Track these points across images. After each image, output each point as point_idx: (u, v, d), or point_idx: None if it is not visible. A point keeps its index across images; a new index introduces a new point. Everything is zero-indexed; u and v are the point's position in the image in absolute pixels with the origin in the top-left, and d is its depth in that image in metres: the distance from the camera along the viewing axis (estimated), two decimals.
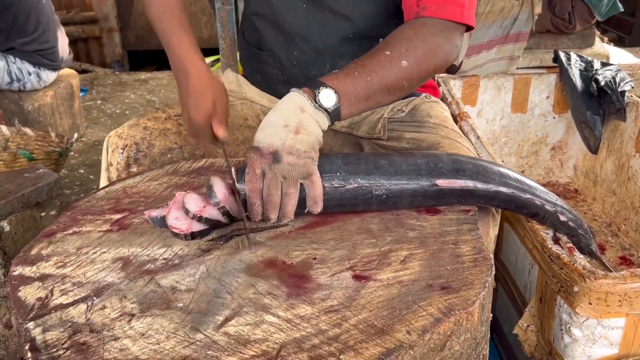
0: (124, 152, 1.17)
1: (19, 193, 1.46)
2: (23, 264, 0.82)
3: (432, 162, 0.93)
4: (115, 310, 0.72)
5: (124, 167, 1.18)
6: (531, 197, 0.97)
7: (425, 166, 0.92)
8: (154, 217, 0.90)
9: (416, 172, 0.91)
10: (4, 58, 2.73)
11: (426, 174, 0.91)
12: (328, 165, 0.90)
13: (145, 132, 1.21)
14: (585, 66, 1.98)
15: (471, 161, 0.96)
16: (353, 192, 0.90)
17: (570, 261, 1.01)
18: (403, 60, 0.97)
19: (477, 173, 0.93)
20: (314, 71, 1.21)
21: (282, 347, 0.65)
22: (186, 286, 0.76)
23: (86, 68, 4.77)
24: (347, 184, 0.90)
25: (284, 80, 1.26)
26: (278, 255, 0.83)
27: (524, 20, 2.17)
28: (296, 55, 1.21)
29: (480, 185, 0.93)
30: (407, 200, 0.92)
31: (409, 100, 1.28)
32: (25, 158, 2.16)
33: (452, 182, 0.92)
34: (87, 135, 3.33)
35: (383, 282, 0.76)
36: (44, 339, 0.67)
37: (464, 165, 0.94)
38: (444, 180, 0.91)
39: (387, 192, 0.90)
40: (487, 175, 0.94)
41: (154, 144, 1.20)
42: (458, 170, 0.93)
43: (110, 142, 1.20)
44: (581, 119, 1.94)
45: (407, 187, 0.91)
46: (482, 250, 0.82)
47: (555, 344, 1.07)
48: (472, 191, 0.93)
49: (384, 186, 0.90)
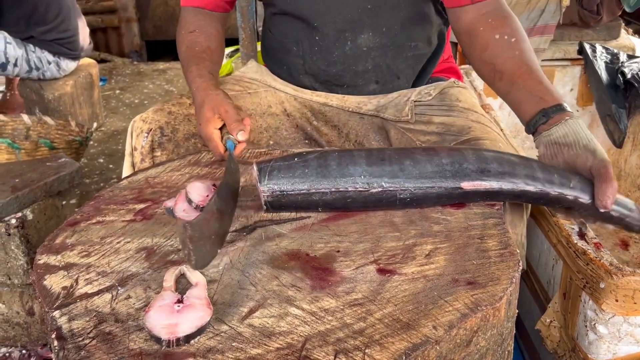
0: (148, 136, 1.18)
1: (42, 182, 1.47)
2: (48, 253, 0.83)
3: (457, 162, 0.90)
4: (140, 300, 0.72)
5: (148, 150, 1.18)
6: (561, 192, 0.91)
7: (450, 167, 0.90)
8: (168, 208, 0.90)
9: (441, 175, 0.89)
10: (23, 47, 2.75)
11: (451, 175, 0.89)
12: (352, 167, 0.89)
13: (170, 116, 1.21)
14: (611, 58, 1.94)
15: (497, 158, 0.92)
16: (377, 196, 0.89)
17: (597, 257, 0.99)
18: (525, 42, 1.08)
19: (502, 173, 0.90)
20: (336, 52, 1.22)
21: (307, 340, 0.65)
22: (210, 277, 0.76)
23: (105, 58, 4.80)
24: (370, 188, 0.88)
25: (305, 71, 1.28)
26: (301, 248, 0.82)
27: (551, 13, 2.13)
28: (317, 40, 1.21)
29: (506, 186, 0.90)
30: (431, 203, 0.91)
31: (437, 85, 1.29)
32: (46, 147, 2.17)
33: (477, 185, 0.89)
34: (106, 124, 3.35)
35: (408, 276, 0.75)
36: (70, 328, 0.67)
37: (489, 164, 0.91)
38: (468, 182, 0.89)
39: (411, 195, 0.89)
40: (514, 173, 0.91)
41: (178, 128, 1.21)
42: (483, 171, 0.90)
43: (135, 126, 1.21)
44: (606, 113, 1.91)
45: (432, 191, 0.89)
46: (509, 245, 0.81)
47: (579, 340, 1.05)
48: (498, 192, 0.90)
49: (409, 190, 0.89)
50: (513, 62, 1.05)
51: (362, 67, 1.24)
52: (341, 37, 1.20)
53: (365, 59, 1.23)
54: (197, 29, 1.24)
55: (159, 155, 1.18)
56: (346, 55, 1.22)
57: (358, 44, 1.21)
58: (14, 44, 2.71)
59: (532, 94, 1.01)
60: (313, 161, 0.89)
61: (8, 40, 2.69)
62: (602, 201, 0.89)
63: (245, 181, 1.00)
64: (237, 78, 1.37)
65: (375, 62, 1.23)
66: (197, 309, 0.68)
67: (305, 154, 0.91)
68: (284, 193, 0.88)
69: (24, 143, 2.13)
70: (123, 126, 3.32)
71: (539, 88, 1.01)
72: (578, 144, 0.93)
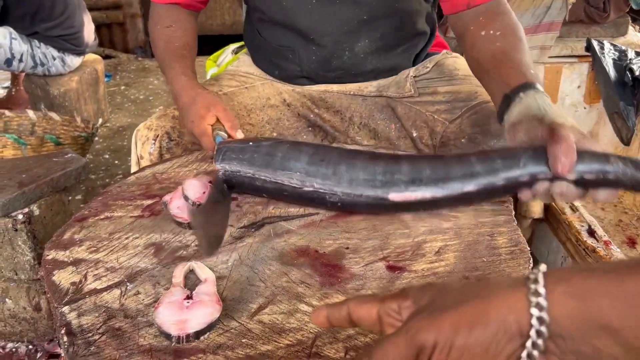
0: (156, 143, 1.17)
1: (49, 177, 1.47)
2: (56, 248, 0.83)
3: (389, 172, 0.84)
4: (149, 296, 0.72)
5: (157, 157, 1.17)
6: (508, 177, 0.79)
7: (382, 176, 0.84)
8: (165, 202, 0.90)
9: (371, 184, 0.84)
10: (28, 42, 2.75)
11: (380, 185, 0.84)
12: (293, 162, 0.88)
13: (175, 121, 1.21)
14: (619, 55, 1.93)
15: (431, 164, 0.84)
16: (309, 195, 0.88)
17: (607, 254, 0.98)
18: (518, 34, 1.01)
19: (435, 180, 0.82)
20: (334, 62, 1.23)
21: (318, 337, 0.64)
22: (219, 273, 0.76)
23: (110, 54, 4.80)
24: (303, 186, 0.87)
25: (302, 75, 1.28)
26: (310, 244, 0.82)
27: (557, 9, 2.12)
28: (314, 50, 1.22)
29: (440, 192, 0.82)
30: (363, 210, 0.88)
31: (430, 58, 1.30)
32: (52, 142, 2.17)
33: (407, 196, 0.83)
34: (111, 120, 3.35)
35: (418, 274, 0.75)
36: (79, 324, 0.67)
37: (421, 172, 0.83)
38: (397, 194, 0.83)
39: (340, 200, 0.86)
40: (448, 177, 0.82)
41: (185, 132, 1.20)
42: (414, 180, 0.83)
43: (139, 135, 1.20)
44: (614, 110, 1.90)
45: (360, 200, 0.85)
46: (519, 242, 0.81)
47: None
48: (433, 201, 0.83)
49: (337, 195, 0.86)
50: (490, 54, 1.00)
51: (360, 70, 1.25)
52: (339, 48, 1.21)
53: (364, 64, 1.24)
54: (173, 24, 1.23)
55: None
56: (344, 63, 1.23)
57: (356, 52, 1.22)
58: (19, 39, 2.71)
59: (501, 81, 0.93)
60: (263, 148, 0.91)
61: (13, 36, 2.69)
62: (555, 166, 0.75)
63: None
64: (231, 73, 1.37)
65: (373, 64, 1.25)
66: (206, 305, 0.67)
67: (261, 140, 0.93)
68: (234, 173, 0.90)
69: (29, 139, 2.14)
70: (128, 122, 3.32)
71: (509, 74, 0.92)
72: (528, 116, 0.83)
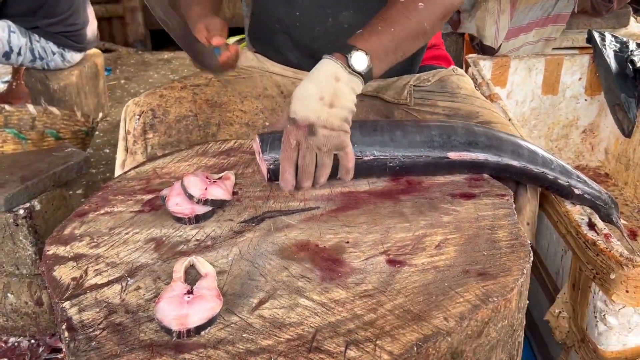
0: (140, 118, 1.19)
1: (50, 172, 1.47)
2: (57, 244, 0.83)
3: (445, 134, 0.96)
4: (150, 291, 0.72)
5: (140, 133, 1.19)
6: (543, 171, 0.99)
7: (439, 138, 0.95)
8: (163, 196, 0.90)
9: (429, 145, 0.95)
10: (27, 36, 2.73)
11: (439, 146, 0.95)
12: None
13: (162, 99, 1.23)
14: (620, 47, 1.92)
15: (485, 133, 0.99)
16: (369, 164, 0.93)
17: (607, 248, 0.98)
18: (419, 2, 0.99)
19: (489, 146, 0.96)
20: (317, 27, 1.21)
21: (318, 331, 0.64)
22: (219, 268, 0.76)
23: (109, 47, 4.78)
24: (363, 156, 0.93)
25: (293, 45, 1.27)
26: (310, 238, 0.82)
27: (565, 2, 2.11)
28: (298, 15, 1.21)
29: (492, 158, 0.96)
30: (419, 171, 0.96)
31: (436, 72, 1.29)
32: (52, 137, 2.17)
33: (464, 155, 0.95)
34: (111, 114, 3.35)
35: (418, 267, 0.75)
36: (80, 319, 0.67)
37: (477, 137, 0.97)
38: (455, 153, 0.95)
39: (400, 163, 0.94)
40: (500, 147, 0.97)
41: (169, 110, 1.22)
42: (471, 143, 0.96)
43: (128, 110, 1.23)
44: (615, 102, 1.89)
45: (419, 160, 0.95)
46: (519, 236, 0.81)
47: (589, 331, 1.05)
48: (483, 164, 0.96)
49: (398, 158, 0.94)
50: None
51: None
52: (321, 13, 1.19)
53: (348, 36, 1.22)
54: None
55: (151, 137, 1.19)
56: (328, 32, 1.21)
57: (339, 21, 1.19)
58: (17, 32, 2.69)
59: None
60: None
61: (12, 29, 2.67)
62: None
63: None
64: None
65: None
66: (207, 300, 0.68)
67: None
68: None
69: (30, 133, 2.13)
70: None
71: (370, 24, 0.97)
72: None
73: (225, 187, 0.91)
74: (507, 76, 1.97)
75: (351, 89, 0.91)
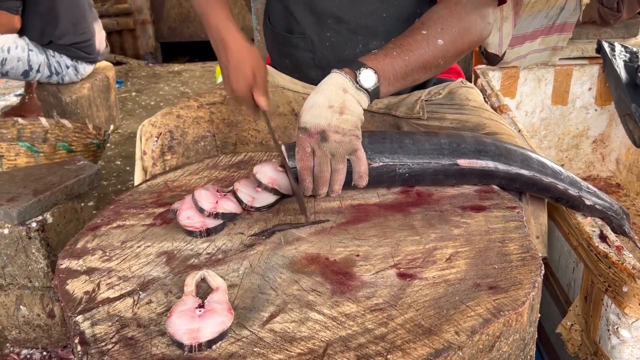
0: (158, 140, 1.19)
1: (63, 185, 1.48)
2: (70, 257, 0.84)
3: (455, 142, 0.96)
4: (162, 304, 0.72)
5: (159, 155, 1.19)
6: (553, 181, 0.99)
7: (448, 146, 0.96)
8: (174, 210, 0.91)
9: (438, 152, 0.95)
10: (44, 52, 2.78)
11: (448, 153, 0.95)
12: None
13: (179, 120, 1.22)
14: (630, 57, 1.92)
15: (495, 143, 0.99)
16: (378, 171, 0.94)
17: (619, 260, 0.98)
18: (439, 39, 1.01)
19: (498, 155, 0.96)
20: (347, 51, 1.21)
21: (329, 346, 0.64)
22: (230, 281, 0.76)
23: (120, 60, 4.84)
24: (372, 163, 0.93)
25: (315, 64, 1.26)
26: (321, 252, 0.82)
27: (570, 10, 2.11)
28: (329, 36, 1.21)
29: (502, 166, 0.96)
30: (429, 178, 0.97)
31: (445, 85, 1.30)
32: (64, 150, 2.19)
33: (473, 163, 0.95)
34: (122, 127, 3.38)
35: (429, 281, 0.74)
36: (92, 333, 0.68)
37: (486, 146, 0.97)
38: (465, 160, 0.95)
39: (409, 170, 0.95)
40: (509, 157, 0.97)
41: (188, 131, 1.22)
42: (480, 151, 0.96)
43: (144, 130, 1.22)
44: (625, 112, 1.88)
45: (429, 167, 0.95)
46: (530, 249, 0.80)
47: (602, 344, 1.04)
48: (493, 172, 0.96)
49: (407, 165, 0.94)
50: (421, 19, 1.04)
51: None
52: (353, 39, 1.20)
53: None
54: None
55: (169, 158, 1.19)
56: (356, 56, 1.21)
57: (369, 48, 1.20)
58: (35, 50, 2.75)
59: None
60: None
61: (30, 48, 2.73)
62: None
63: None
64: None
65: None
66: (218, 313, 0.68)
67: None
68: None
69: (42, 146, 2.16)
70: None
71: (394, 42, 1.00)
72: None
73: (235, 201, 0.91)
74: (517, 87, 1.97)
75: (357, 102, 0.93)
